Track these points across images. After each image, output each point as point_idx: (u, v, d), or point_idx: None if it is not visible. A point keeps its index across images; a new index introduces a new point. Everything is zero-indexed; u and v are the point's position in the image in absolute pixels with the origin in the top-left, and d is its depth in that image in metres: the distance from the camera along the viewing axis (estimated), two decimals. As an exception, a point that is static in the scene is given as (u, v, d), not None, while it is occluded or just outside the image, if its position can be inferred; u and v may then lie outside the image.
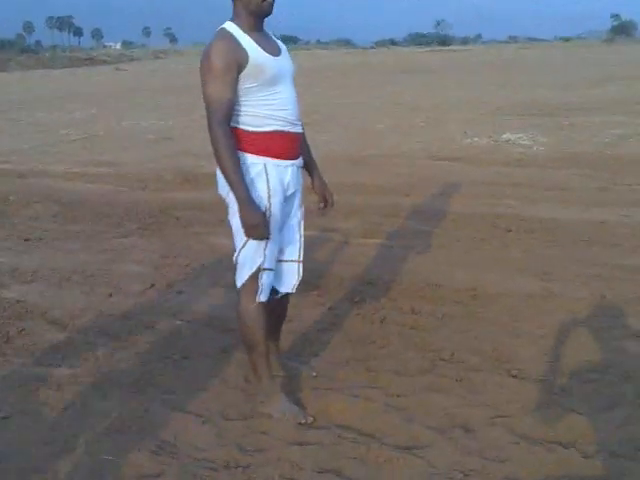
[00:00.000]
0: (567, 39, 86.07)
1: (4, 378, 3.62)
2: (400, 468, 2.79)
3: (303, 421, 3.15)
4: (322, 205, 3.50)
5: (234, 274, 3.23)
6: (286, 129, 3.06)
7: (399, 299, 4.74)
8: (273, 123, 3.02)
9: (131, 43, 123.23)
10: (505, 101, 17.05)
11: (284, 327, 3.71)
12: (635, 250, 5.64)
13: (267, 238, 3.03)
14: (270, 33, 3.14)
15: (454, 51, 60.47)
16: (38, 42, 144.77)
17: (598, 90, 18.99)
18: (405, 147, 11.06)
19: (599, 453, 2.86)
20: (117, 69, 43.37)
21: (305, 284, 3.76)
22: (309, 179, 3.47)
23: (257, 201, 2.99)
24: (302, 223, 3.35)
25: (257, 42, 2.95)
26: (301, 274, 3.33)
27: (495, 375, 3.60)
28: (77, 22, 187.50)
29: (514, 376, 3.59)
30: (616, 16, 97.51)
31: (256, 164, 3.02)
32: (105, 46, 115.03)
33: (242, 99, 2.97)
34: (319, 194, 3.49)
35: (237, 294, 3.22)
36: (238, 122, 3.00)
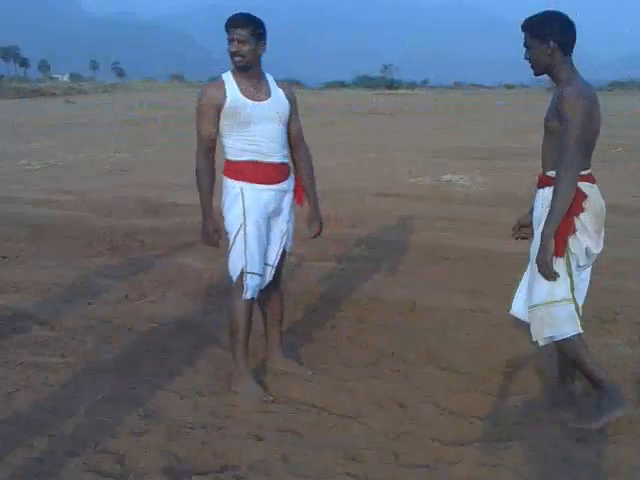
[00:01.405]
0: (511, 86, 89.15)
1: (5, 363, 4.18)
2: (345, 430, 3.46)
3: (265, 399, 3.78)
4: (309, 229, 4.20)
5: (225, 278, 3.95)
6: (260, 159, 3.78)
7: (347, 310, 5.41)
8: (248, 154, 3.77)
9: (79, 76, 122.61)
10: (447, 144, 18.06)
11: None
12: (599, 273, 6.34)
13: (215, 246, 3.90)
14: (270, 79, 3.85)
15: (401, 95, 62.25)
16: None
17: (535, 135, 20.14)
18: (353, 184, 11.82)
19: (505, 423, 3.55)
20: (67, 102, 43.58)
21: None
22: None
23: (234, 217, 3.76)
24: (286, 237, 4.03)
25: (243, 88, 3.71)
26: (271, 276, 3.99)
27: (427, 368, 4.29)
28: (23, 53, 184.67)
29: (443, 369, 4.28)
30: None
31: (234, 187, 3.78)
32: (52, 78, 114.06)
33: (225, 133, 3.77)
34: (308, 222, 4.21)
35: (230, 296, 3.89)
36: (225, 152, 3.81)
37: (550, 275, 3.36)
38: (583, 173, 3.34)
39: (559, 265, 3.38)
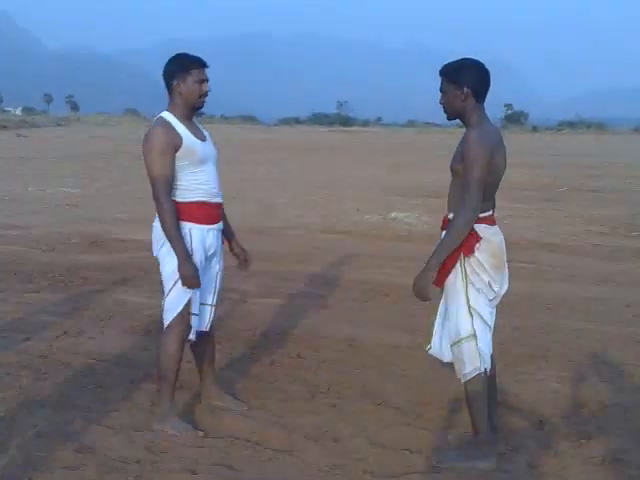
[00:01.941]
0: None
1: (-62, 400, 4.12)
2: (280, 464, 3.52)
3: (194, 434, 3.80)
4: (241, 264, 4.30)
5: (160, 316, 3.91)
6: (207, 199, 3.85)
7: (287, 346, 5.47)
8: (197, 195, 3.81)
9: (32, 109, 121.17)
10: (397, 182, 18.38)
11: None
12: (533, 311, 6.57)
13: (198, 286, 3.78)
14: (196, 122, 3.94)
15: (355, 132, 63.05)
16: None
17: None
18: (302, 220, 11.96)
19: (435, 457, 3.64)
20: (18, 135, 43.01)
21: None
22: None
23: None
24: (220, 275, 4.09)
25: (189, 129, 3.78)
26: (213, 316, 4.06)
27: (363, 403, 4.37)
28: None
29: (378, 404, 4.37)
30: (509, 105, 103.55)
31: (182, 228, 3.77)
32: (5, 111, 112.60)
33: (176, 175, 3.74)
34: (238, 255, 4.29)
35: (162, 333, 3.89)
36: (172, 194, 3.76)
37: (425, 298, 3.52)
38: (482, 215, 3.48)
39: (461, 305, 3.51)
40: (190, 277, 3.71)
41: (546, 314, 6.49)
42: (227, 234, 4.21)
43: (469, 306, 3.50)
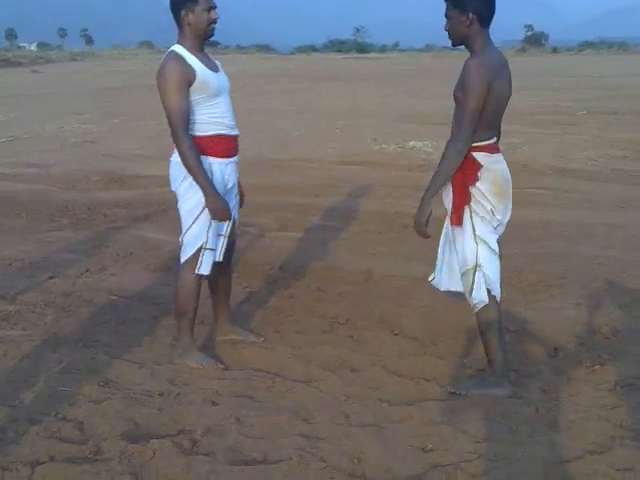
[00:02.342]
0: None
1: (-37, 337, 4.26)
2: (298, 393, 3.62)
3: (216, 367, 3.92)
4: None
5: (179, 252, 3.92)
6: (225, 132, 3.84)
7: (305, 280, 5.55)
8: (215, 128, 3.79)
9: (47, 44, 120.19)
10: (414, 109, 18.14)
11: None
12: (549, 238, 6.58)
13: (229, 219, 3.81)
14: (207, 53, 3.89)
15: (372, 58, 62.02)
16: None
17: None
18: (318, 152, 11.90)
19: (450, 384, 3.73)
20: (33, 71, 42.73)
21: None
22: None
23: (201, 193, 3.72)
24: (236, 207, 4.10)
25: (201, 61, 3.73)
26: (225, 245, 3.98)
27: (380, 333, 4.46)
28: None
29: (395, 334, 4.46)
30: (529, 26, 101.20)
31: (203, 162, 3.72)
32: (20, 47, 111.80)
33: (191, 109, 3.70)
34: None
35: (180, 268, 3.93)
36: (190, 129, 3.72)
37: (424, 234, 3.56)
38: (482, 144, 3.47)
39: (466, 234, 3.54)
40: (221, 210, 3.74)
41: (562, 241, 6.49)
42: None
43: (475, 235, 3.53)
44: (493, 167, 3.51)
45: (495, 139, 3.59)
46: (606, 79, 28.35)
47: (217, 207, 3.72)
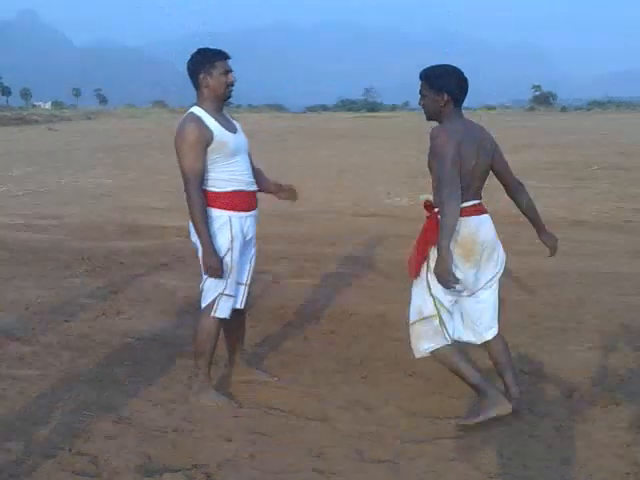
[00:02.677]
0: (492, 107, 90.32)
1: (-19, 377, 4.30)
2: (312, 431, 3.63)
3: (230, 405, 3.94)
4: (291, 193, 4.43)
5: (199, 298, 4.05)
6: (244, 188, 3.98)
7: (319, 323, 5.58)
8: (234, 185, 3.93)
9: (61, 103, 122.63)
10: (425, 166, 18.24)
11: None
12: (564, 286, 6.57)
13: (220, 277, 3.91)
14: (227, 114, 4.05)
15: (382, 117, 62.83)
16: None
17: (515, 156, 20.53)
18: (333, 204, 12.03)
19: (462, 423, 3.72)
20: (50, 129, 43.61)
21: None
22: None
23: (222, 244, 3.90)
24: (254, 257, 4.23)
25: (219, 123, 3.89)
26: (246, 294, 4.19)
27: (394, 374, 4.46)
28: (4, 81, 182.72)
29: (410, 375, 4.46)
30: (537, 87, 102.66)
31: (222, 216, 3.91)
32: (35, 105, 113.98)
33: (210, 167, 3.87)
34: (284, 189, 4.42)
35: (200, 312, 4.04)
36: (207, 185, 3.90)
37: (451, 281, 3.54)
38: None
39: (422, 286, 3.72)
40: (214, 268, 3.85)
41: (577, 288, 6.50)
42: (268, 187, 4.34)
43: (430, 291, 3.69)
44: (459, 229, 3.57)
45: (472, 202, 3.66)
46: (616, 137, 28.58)
47: (211, 264, 3.85)
